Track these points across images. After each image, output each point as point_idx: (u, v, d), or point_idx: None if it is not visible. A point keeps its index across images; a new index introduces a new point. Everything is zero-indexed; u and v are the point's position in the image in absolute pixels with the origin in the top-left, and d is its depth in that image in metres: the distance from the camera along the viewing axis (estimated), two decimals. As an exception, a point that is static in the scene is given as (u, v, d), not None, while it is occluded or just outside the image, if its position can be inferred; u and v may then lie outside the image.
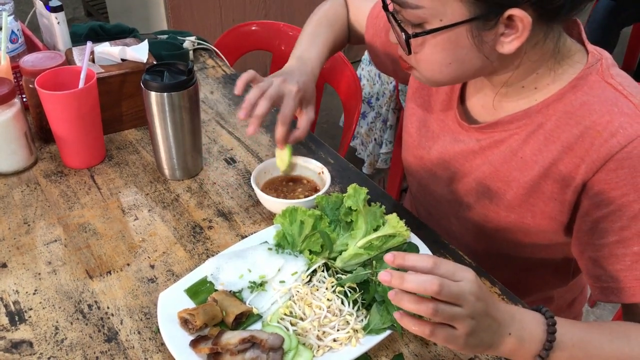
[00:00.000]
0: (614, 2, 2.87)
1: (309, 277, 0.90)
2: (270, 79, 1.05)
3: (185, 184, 1.17)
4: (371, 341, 0.82)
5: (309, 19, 1.23)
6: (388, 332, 0.83)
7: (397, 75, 1.23)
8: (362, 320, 0.85)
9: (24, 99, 1.25)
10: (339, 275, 0.91)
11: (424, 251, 0.95)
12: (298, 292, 0.88)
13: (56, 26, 1.35)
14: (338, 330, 0.83)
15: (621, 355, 0.77)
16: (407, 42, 0.83)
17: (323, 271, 0.91)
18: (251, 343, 0.80)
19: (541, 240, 0.98)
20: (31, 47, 1.41)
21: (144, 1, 2.95)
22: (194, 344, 0.81)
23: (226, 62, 1.62)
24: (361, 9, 1.22)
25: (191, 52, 1.60)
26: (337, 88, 1.69)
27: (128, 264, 0.98)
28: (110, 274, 0.96)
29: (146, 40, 1.31)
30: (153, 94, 1.07)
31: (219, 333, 0.81)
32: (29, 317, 0.89)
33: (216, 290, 0.89)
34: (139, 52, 1.25)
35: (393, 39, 0.89)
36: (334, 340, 0.82)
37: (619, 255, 0.83)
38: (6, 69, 1.21)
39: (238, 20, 2.87)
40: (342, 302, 0.86)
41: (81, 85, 1.11)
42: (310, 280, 0.90)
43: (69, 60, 1.25)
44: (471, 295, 0.66)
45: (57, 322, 0.89)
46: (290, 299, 0.88)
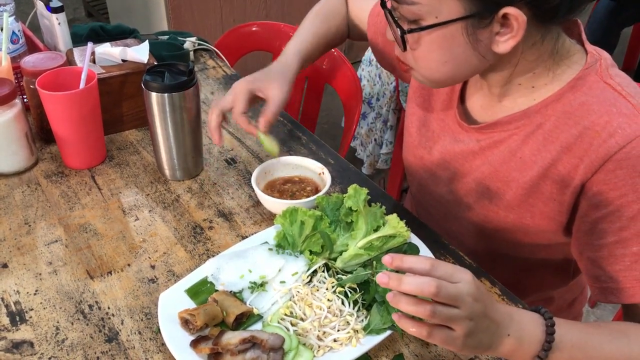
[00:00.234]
0: (615, 2, 2.87)
1: (309, 277, 0.91)
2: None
3: (185, 185, 1.17)
4: (371, 341, 0.83)
5: (303, 21, 1.25)
6: (388, 332, 0.83)
7: (400, 73, 1.23)
8: (363, 320, 0.85)
9: (25, 100, 1.25)
10: (339, 276, 0.91)
11: (424, 251, 0.95)
12: (298, 292, 0.88)
13: (57, 27, 1.35)
14: (338, 331, 0.83)
15: (620, 355, 0.77)
16: (403, 38, 0.84)
17: (323, 271, 0.92)
18: (252, 343, 0.80)
19: (541, 240, 0.98)
20: (32, 48, 1.41)
21: (145, 2, 2.95)
22: (194, 344, 0.81)
23: (227, 62, 1.62)
24: (363, 7, 1.22)
25: (192, 53, 1.60)
26: (338, 88, 1.69)
27: (129, 265, 0.98)
28: (111, 274, 0.97)
29: (147, 41, 1.31)
30: (154, 95, 1.07)
31: (220, 333, 0.81)
32: (30, 317, 0.89)
33: (217, 291, 0.89)
34: (140, 53, 1.25)
35: (390, 37, 0.90)
36: (335, 341, 0.82)
37: (618, 255, 0.83)
38: (7, 70, 1.21)
39: (239, 21, 2.87)
40: (343, 303, 0.86)
41: (82, 85, 1.11)
42: (310, 281, 0.90)
43: (69, 61, 1.25)
44: (469, 297, 0.66)
45: (58, 322, 0.89)
46: (290, 299, 0.88)
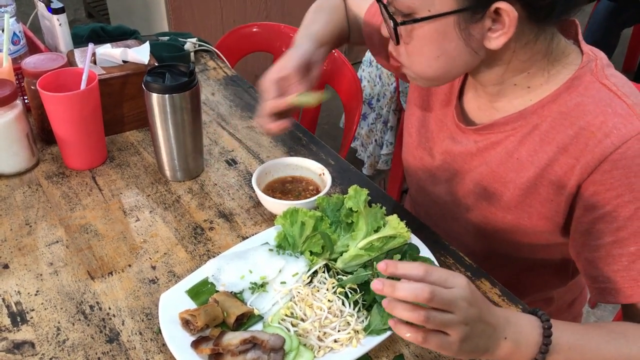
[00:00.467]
0: (615, 3, 2.87)
1: (309, 278, 0.91)
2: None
3: (186, 185, 1.17)
4: (372, 342, 0.83)
5: (304, 18, 1.22)
6: (389, 332, 0.83)
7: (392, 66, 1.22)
8: (363, 321, 0.85)
9: (26, 101, 1.26)
10: (339, 276, 0.91)
11: (425, 252, 0.95)
12: (299, 293, 0.88)
13: (58, 28, 1.35)
14: (339, 331, 0.83)
15: (619, 356, 0.77)
16: (396, 30, 0.84)
17: (324, 272, 0.92)
18: (252, 344, 0.80)
19: (539, 240, 0.98)
20: (33, 49, 1.41)
21: (145, 3, 2.95)
22: (195, 344, 0.81)
23: (227, 63, 1.62)
24: (361, 6, 1.22)
25: (192, 54, 1.60)
26: (338, 89, 1.69)
27: (129, 265, 0.99)
28: (112, 274, 0.97)
29: (147, 42, 1.31)
30: (154, 96, 1.07)
31: (220, 334, 0.82)
32: (31, 317, 0.89)
33: (217, 291, 0.89)
34: (141, 54, 1.25)
35: (385, 32, 0.90)
36: (335, 341, 0.82)
37: (616, 255, 0.83)
38: (8, 71, 1.21)
39: (239, 22, 2.87)
40: (343, 303, 0.86)
41: (83, 86, 1.12)
42: (311, 281, 0.91)
43: (70, 62, 1.25)
44: (463, 302, 0.67)
45: (58, 322, 0.89)
46: (291, 299, 0.88)
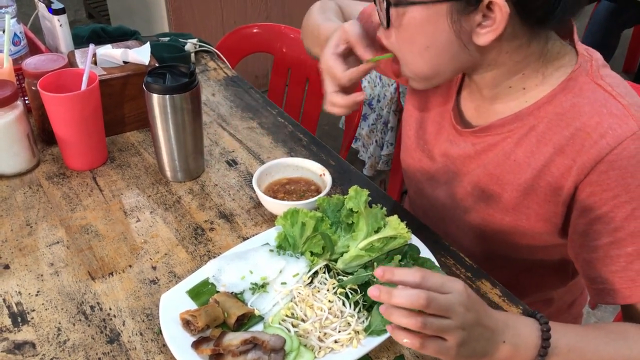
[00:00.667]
0: (615, 4, 2.87)
1: (310, 278, 0.91)
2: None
3: (187, 186, 1.17)
4: (372, 342, 0.83)
5: (306, 18, 1.20)
6: (389, 333, 0.83)
7: (389, 71, 1.21)
8: (364, 321, 0.85)
9: (27, 101, 1.26)
10: (340, 277, 0.91)
11: (425, 253, 0.95)
12: (299, 293, 0.88)
13: (58, 28, 1.36)
14: (339, 332, 0.83)
15: (619, 357, 0.77)
16: (388, 12, 0.84)
17: (324, 273, 0.92)
18: (253, 344, 0.80)
19: (537, 242, 0.98)
20: (34, 50, 1.41)
21: (146, 3, 2.96)
22: (196, 345, 0.81)
23: (227, 64, 1.62)
24: (356, 8, 1.21)
25: (193, 55, 1.60)
26: (339, 90, 1.69)
27: (130, 266, 0.99)
28: (112, 275, 0.97)
29: (148, 43, 1.31)
30: (155, 96, 1.07)
31: (221, 334, 0.82)
32: (32, 318, 0.89)
33: (218, 292, 0.89)
34: (141, 55, 1.25)
35: (376, 18, 0.89)
36: (335, 342, 0.82)
37: (613, 256, 0.83)
38: (9, 72, 1.21)
39: (239, 23, 2.87)
40: (344, 304, 0.86)
41: (83, 87, 1.12)
42: (311, 282, 0.91)
43: (71, 63, 1.25)
44: (460, 307, 0.67)
45: (59, 323, 0.89)
46: (291, 300, 0.88)
